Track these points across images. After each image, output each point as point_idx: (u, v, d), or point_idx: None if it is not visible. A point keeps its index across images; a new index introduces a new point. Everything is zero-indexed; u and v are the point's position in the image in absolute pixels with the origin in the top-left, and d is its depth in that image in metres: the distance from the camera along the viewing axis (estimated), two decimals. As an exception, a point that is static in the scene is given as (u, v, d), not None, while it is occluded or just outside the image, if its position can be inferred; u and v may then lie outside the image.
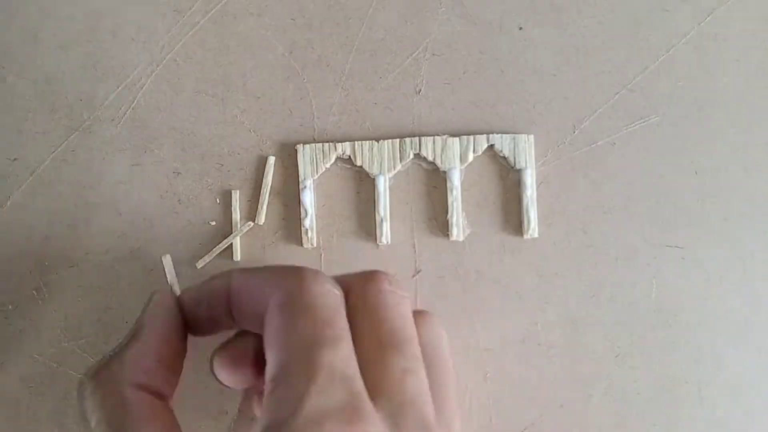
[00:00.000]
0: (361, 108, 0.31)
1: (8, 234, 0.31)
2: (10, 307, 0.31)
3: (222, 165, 0.31)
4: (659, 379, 0.30)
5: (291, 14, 0.31)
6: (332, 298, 0.19)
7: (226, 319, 0.22)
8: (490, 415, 0.30)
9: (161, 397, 0.21)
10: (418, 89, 0.31)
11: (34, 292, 0.31)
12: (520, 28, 0.31)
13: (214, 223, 0.31)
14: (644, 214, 0.31)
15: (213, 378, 0.22)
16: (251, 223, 0.31)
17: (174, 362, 0.22)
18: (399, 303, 0.21)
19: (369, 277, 0.21)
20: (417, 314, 0.22)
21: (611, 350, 0.31)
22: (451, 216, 0.30)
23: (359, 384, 0.17)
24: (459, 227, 0.30)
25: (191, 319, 0.23)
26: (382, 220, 0.30)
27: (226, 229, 0.31)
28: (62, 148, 0.31)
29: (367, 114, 0.31)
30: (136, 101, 0.31)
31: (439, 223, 0.31)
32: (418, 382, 0.19)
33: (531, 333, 0.31)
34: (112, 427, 0.19)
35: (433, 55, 0.31)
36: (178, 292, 0.24)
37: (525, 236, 0.30)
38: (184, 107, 0.31)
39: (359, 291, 0.21)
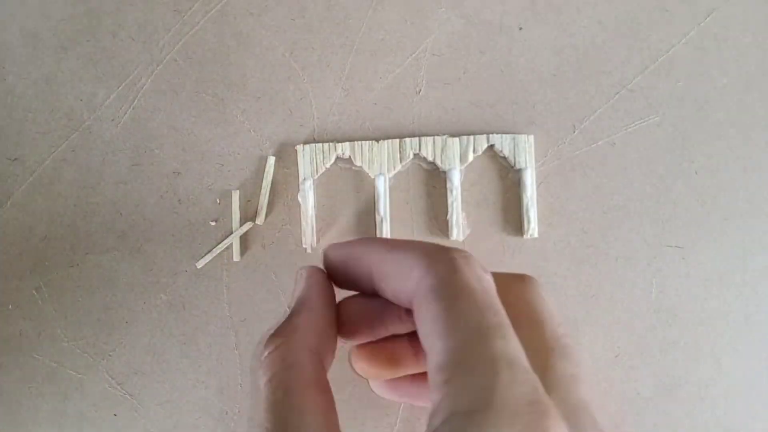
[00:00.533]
0: (361, 108, 0.31)
1: (8, 234, 0.31)
2: (10, 307, 0.31)
3: (222, 165, 0.31)
4: (659, 379, 0.30)
5: (291, 14, 0.31)
6: (487, 284, 0.19)
7: (367, 286, 0.22)
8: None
9: (324, 362, 0.21)
10: (418, 89, 0.31)
11: (34, 292, 0.31)
12: (520, 28, 0.31)
13: (214, 223, 0.31)
14: (644, 214, 0.31)
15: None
16: (251, 223, 0.31)
17: (333, 338, 0.22)
18: (553, 311, 0.21)
19: (523, 278, 0.21)
20: (519, 278, 0.23)
21: (611, 350, 0.31)
22: (451, 216, 0.30)
23: (537, 379, 0.17)
24: (459, 227, 0.30)
25: (334, 275, 0.23)
26: (382, 220, 0.30)
27: (226, 229, 0.31)
28: (62, 148, 0.31)
29: (367, 114, 0.31)
30: (136, 101, 0.31)
31: (439, 223, 0.31)
32: (586, 388, 0.19)
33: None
34: (282, 386, 0.19)
35: (433, 55, 0.31)
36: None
37: (525, 236, 0.30)
38: (184, 107, 0.31)
39: (515, 290, 0.21)
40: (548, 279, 0.31)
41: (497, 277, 0.21)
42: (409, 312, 0.23)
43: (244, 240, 0.31)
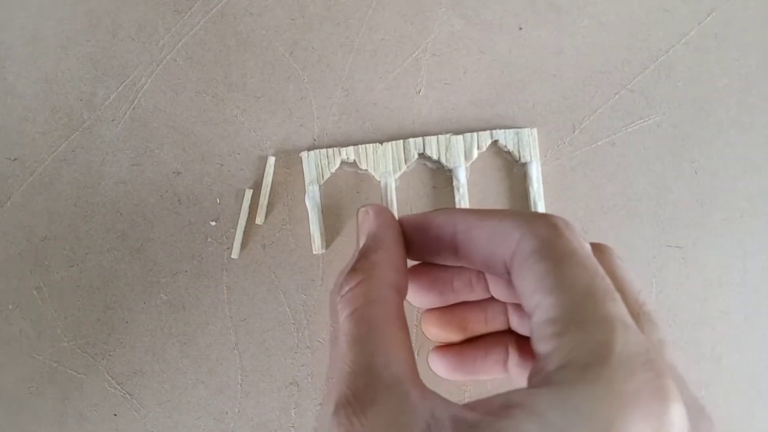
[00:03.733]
0: (361, 108, 0.31)
1: (8, 234, 0.31)
2: (10, 306, 0.31)
3: (222, 165, 0.31)
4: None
5: (291, 14, 0.31)
6: (589, 250, 0.19)
7: (448, 253, 0.22)
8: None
9: (402, 297, 0.21)
10: (418, 89, 0.31)
11: (34, 291, 0.31)
12: (520, 28, 0.31)
13: (214, 223, 0.31)
14: (644, 214, 0.31)
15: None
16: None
17: (405, 275, 0.22)
18: (633, 277, 0.21)
19: (601, 247, 0.22)
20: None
21: (611, 350, 0.31)
22: None
23: (648, 340, 0.17)
24: None
25: (407, 242, 0.23)
26: None
27: (226, 228, 0.31)
28: (62, 148, 0.31)
29: (367, 114, 0.31)
30: (136, 101, 0.31)
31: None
32: (673, 353, 0.19)
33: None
34: (365, 321, 0.19)
35: (433, 55, 0.31)
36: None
37: None
38: (184, 107, 0.31)
39: (603, 255, 0.21)
40: (548, 279, 0.31)
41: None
42: (480, 278, 0.23)
43: (244, 240, 0.31)
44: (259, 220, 0.31)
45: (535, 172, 0.30)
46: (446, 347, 0.25)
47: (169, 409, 0.31)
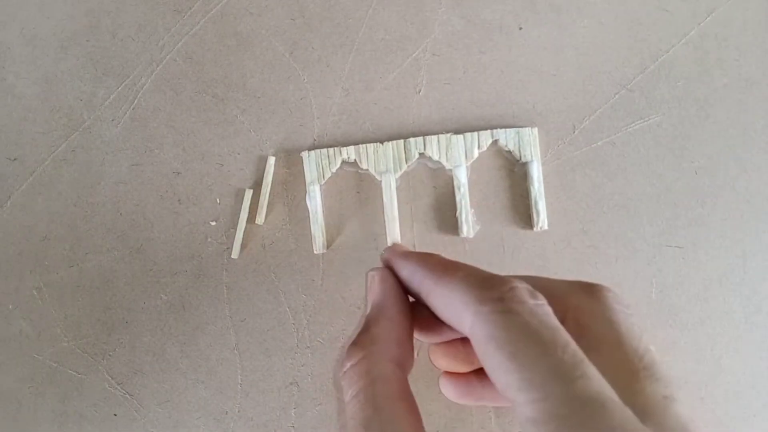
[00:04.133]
0: (361, 108, 0.31)
1: (8, 234, 0.31)
2: (10, 306, 0.31)
3: (222, 165, 0.31)
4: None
5: (291, 14, 0.31)
6: (544, 315, 0.17)
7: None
8: (491, 415, 0.30)
9: (405, 371, 0.21)
10: (418, 89, 0.31)
11: (34, 291, 0.31)
12: (520, 28, 0.31)
13: (214, 223, 0.31)
14: (644, 214, 0.31)
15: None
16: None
17: (411, 338, 0.21)
18: (633, 323, 0.19)
19: (593, 290, 0.20)
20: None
21: (611, 350, 0.31)
22: (460, 213, 0.30)
23: (629, 412, 0.16)
24: (468, 224, 0.30)
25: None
26: (390, 221, 0.30)
27: (226, 228, 0.31)
28: (62, 148, 0.31)
29: (367, 114, 0.31)
30: (136, 101, 0.31)
31: (448, 221, 0.31)
32: (682, 409, 0.18)
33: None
34: (370, 402, 0.18)
35: (433, 55, 0.31)
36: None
37: (535, 229, 0.30)
38: (184, 107, 0.31)
39: (586, 307, 0.20)
40: (548, 279, 0.31)
41: (564, 290, 0.20)
42: None
43: (245, 240, 0.31)
44: (259, 220, 0.31)
45: (536, 172, 0.30)
46: (456, 373, 0.25)
47: (169, 409, 0.31)
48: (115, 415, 0.31)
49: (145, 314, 0.31)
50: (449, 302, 0.19)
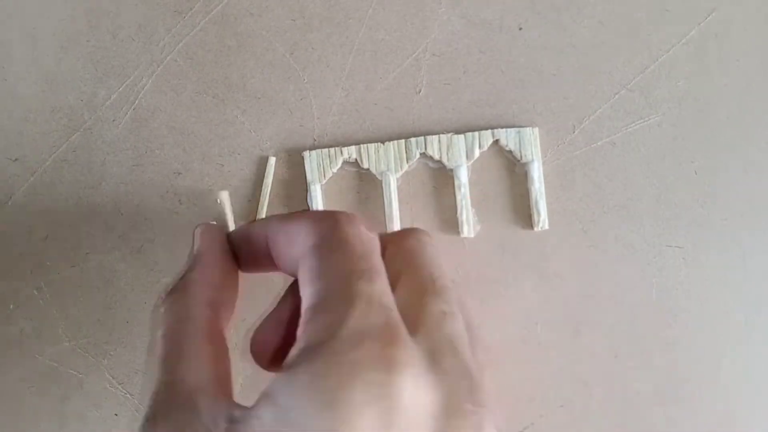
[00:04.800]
0: (362, 108, 0.31)
1: (9, 234, 0.31)
2: (11, 306, 0.31)
3: (222, 165, 0.31)
4: (659, 379, 0.30)
5: (291, 14, 0.31)
6: (366, 237, 0.19)
7: (267, 261, 0.23)
8: (490, 415, 0.30)
9: (220, 314, 0.22)
10: (418, 89, 0.31)
11: (35, 291, 0.31)
12: (520, 28, 0.31)
13: (214, 223, 0.31)
14: (644, 214, 0.31)
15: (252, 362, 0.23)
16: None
17: (231, 289, 0.23)
18: (438, 255, 0.21)
19: (407, 230, 0.22)
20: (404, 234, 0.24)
21: (611, 350, 0.31)
22: (461, 213, 0.30)
23: (396, 314, 0.17)
24: (469, 224, 0.30)
25: (239, 256, 0.24)
26: (391, 221, 0.30)
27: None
28: (63, 148, 0.31)
29: (367, 114, 0.31)
30: (137, 102, 0.31)
31: (448, 221, 0.31)
32: (456, 325, 0.19)
33: (531, 333, 0.31)
34: (174, 339, 0.20)
35: (433, 55, 0.31)
36: (232, 227, 0.27)
37: (535, 228, 0.30)
38: (185, 108, 0.31)
39: (398, 241, 0.21)
40: (548, 278, 0.31)
41: (386, 235, 0.22)
42: None
43: (245, 240, 0.31)
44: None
45: (537, 172, 0.30)
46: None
47: (169, 409, 0.31)
48: (116, 415, 0.31)
49: (146, 314, 0.31)
50: (291, 232, 0.20)
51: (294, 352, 0.17)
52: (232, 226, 0.28)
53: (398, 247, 0.21)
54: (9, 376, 0.31)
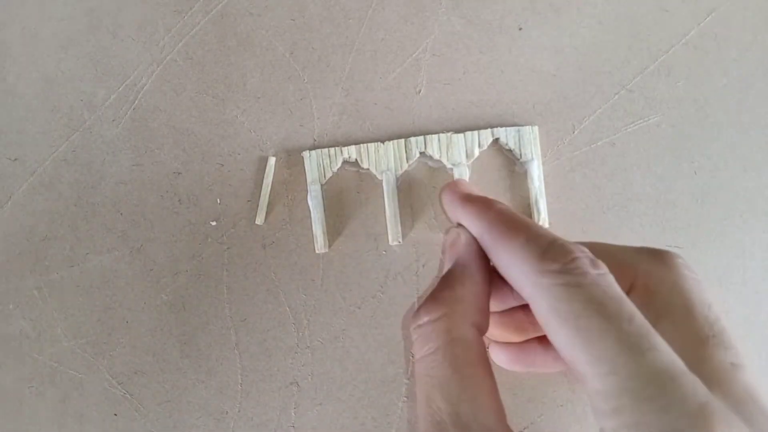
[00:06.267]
0: (362, 108, 0.31)
1: (9, 234, 0.31)
2: (11, 306, 0.31)
3: (222, 165, 0.31)
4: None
5: (291, 14, 0.31)
6: (606, 285, 0.17)
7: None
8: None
9: (483, 335, 0.20)
10: (418, 89, 0.31)
11: (35, 291, 0.31)
12: (520, 28, 0.31)
13: (214, 223, 0.31)
14: (644, 214, 0.31)
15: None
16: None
17: (488, 305, 0.21)
18: (705, 289, 0.19)
19: (661, 254, 0.20)
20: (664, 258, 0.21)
21: (611, 350, 0.31)
22: None
23: (698, 380, 0.16)
24: None
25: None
26: (392, 221, 0.30)
27: (226, 228, 0.31)
28: (63, 148, 0.31)
29: (367, 114, 0.31)
30: (136, 101, 0.31)
31: (443, 220, 0.31)
32: (750, 377, 0.17)
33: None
34: (450, 361, 0.18)
35: (433, 55, 0.31)
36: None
37: None
38: (185, 107, 0.31)
39: (654, 273, 0.19)
40: (548, 279, 0.31)
41: (630, 257, 0.19)
42: None
43: (244, 240, 0.31)
44: (259, 220, 0.31)
45: (537, 170, 0.30)
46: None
47: (169, 409, 0.31)
48: (116, 414, 0.31)
49: (145, 314, 0.31)
50: (507, 267, 0.18)
51: None
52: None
53: (657, 281, 0.19)
54: (9, 376, 0.31)
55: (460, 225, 0.21)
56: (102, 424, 0.31)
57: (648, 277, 0.19)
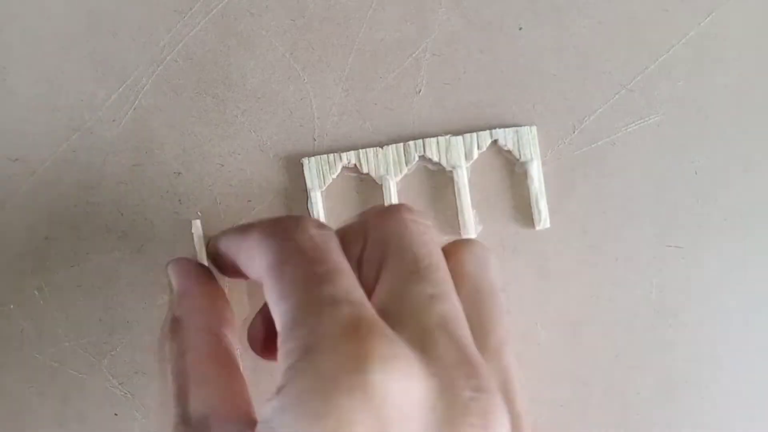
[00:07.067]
0: (362, 108, 0.31)
1: (9, 234, 0.31)
2: (11, 306, 0.31)
3: (222, 165, 0.31)
4: (659, 379, 0.30)
5: (291, 14, 0.31)
6: (319, 239, 0.18)
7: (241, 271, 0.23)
8: (490, 415, 0.30)
9: (219, 334, 0.23)
10: (418, 89, 0.31)
11: (35, 291, 0.31)
12: (520, 28, 0.31)
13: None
14: (644, 214, 0.31)
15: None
16: None
17: (222, 306, 0.24)
18: (423, 232, 0.20)
19: (387, 209, 0.21)
20: (460, 242, 0.22)
21: (611, 350, 0.31)
22: (461, 215, 0.30)
23: (368, 308, 0.17)
24: (470, 225, 0.30)
25: (219, 265, 0.25)
26: None
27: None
28: (63, 148, 0.31)
29: (367, 114, 0.31)
30: (137, 102, 0.31)
31: (449, 223, 0.31)
32: (447, 307, 0.18)
33: (531, 333, 0.31)
34: (180, 373, 0.20)
35: (433, 55, 0.31)
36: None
37: (537, 227, 0.30)
38: (185, 107, 0.31)
39: (377, 225, 0.20)
40: (548, 278, 0.31)
41: (366, 216, 0.21)
42: None
43: (245, 240, 0.31)
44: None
45: (536, 171, 0.30)
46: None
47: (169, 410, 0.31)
48: (116, 414, 0.31)
49: (146, 314, 0.31)
50: (249, 251, 0.20)
51: (279, 375, 0.17)
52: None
53: (377, 231, 0.20)
54: (9, 376, 0.31)
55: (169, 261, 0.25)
56: (103, 424, 0.31)
57: (377, 228, 0.20)
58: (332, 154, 0.31)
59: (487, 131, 0.30)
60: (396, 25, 0.31)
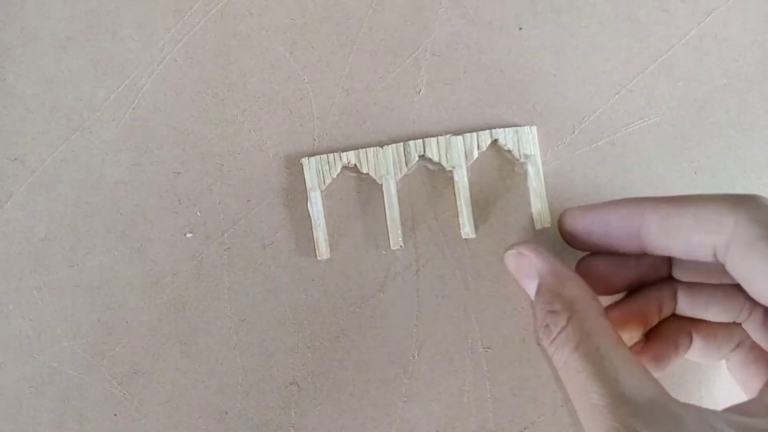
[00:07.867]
0: (361, 108, 0.31)
1: (8, 234, 0.31)
2: (10, 306, 0.31)
3: (222, 165, 0.31)
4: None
5: (291, 14, 0.31)
6: None
7: (624, 243, 0.23)
8: (490, 415, 0.30)
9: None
10: (418, 89, 0.31)
11: (34, 291, 0.31)
12: (520, 28, 0.31)
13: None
14: (644, 214, 0.31)
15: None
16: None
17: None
18: None
19: None
20: None
21: (611, 350, 0.31)
22: (461, 215, 0.30)
23: None
24: (470, 225, 0.30)
25: (571, 239, 0.25)
26: (393, 225, 0.30)
27: (226, 227, 0.31)
28: (62, 148, 0.31)
29: (367, 114, 0.31)
30: (136, 101, 0.31)
31: (449, 222, 0.31)
32: None
33: (531, 333, 0.31)
34: (594, 353, 0.20)
35: (433, 55, 0.31)
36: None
37: (537, 227, 0.30)
38: (185, 107, 0.31)
39: None
40: (548, 279, 0.31)
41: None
42: (656, 262, 0.24)
43: (244, 240, 0.31)
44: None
45: (537, 171, 0.30)
46: (642, 349, 0.26)
47: (169, 409, 0.31)
48: (115, 415, 0.31)
49: (145, 314, 0.31)
50: (701, 219, 0.20)
51: None
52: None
53: None
54: (9, 377, 0.31)
55: (514, 248, 0.25)
56: (102, 424, 0.31)
57: None
58: (332, 154, 0.31)
59: (487, 131, 0.30)
60: (396, 25, 0.31)
